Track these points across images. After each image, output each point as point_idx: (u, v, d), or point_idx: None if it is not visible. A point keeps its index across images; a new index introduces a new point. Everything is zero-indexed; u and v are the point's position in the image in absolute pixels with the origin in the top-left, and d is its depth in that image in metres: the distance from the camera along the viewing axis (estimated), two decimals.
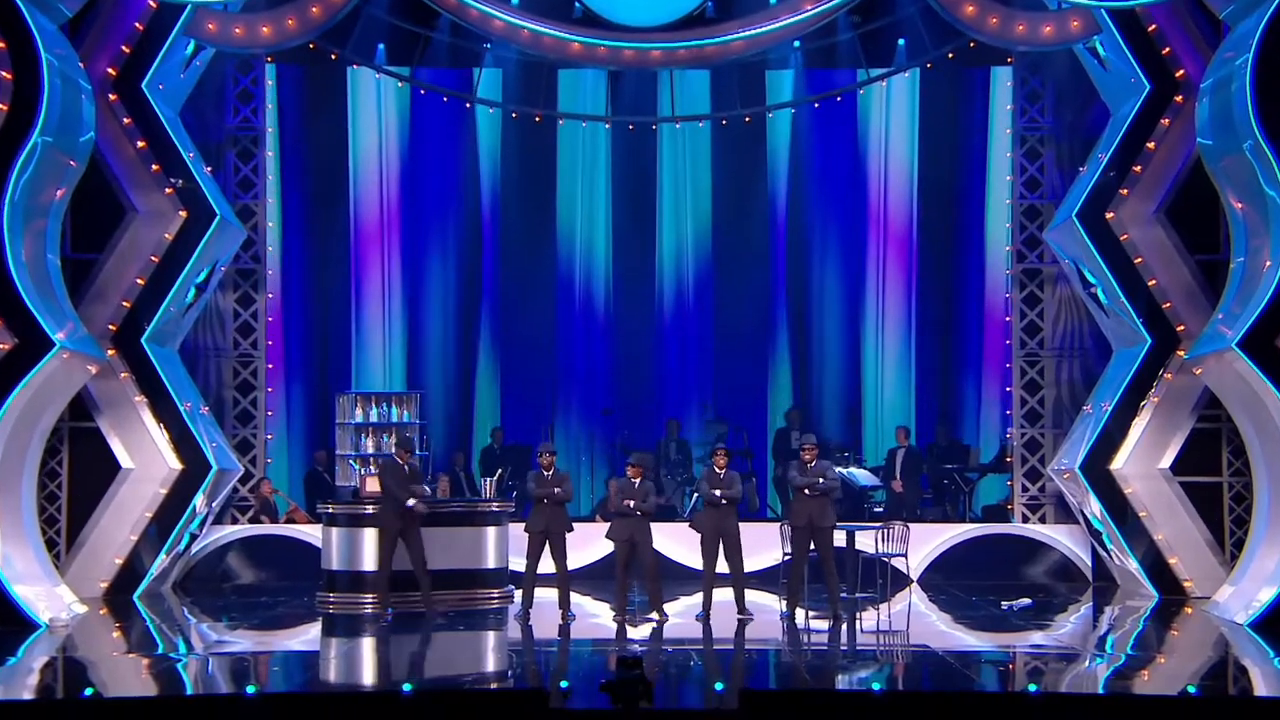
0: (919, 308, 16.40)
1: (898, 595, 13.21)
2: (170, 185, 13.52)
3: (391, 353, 16.40)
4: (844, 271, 16.66)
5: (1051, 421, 15.00)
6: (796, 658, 10.57)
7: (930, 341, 16.47)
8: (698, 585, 13.58)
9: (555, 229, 16.70)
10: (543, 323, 16.72)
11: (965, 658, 10.30)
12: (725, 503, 11.70)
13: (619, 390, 16.68)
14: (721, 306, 16.76)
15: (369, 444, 14.69)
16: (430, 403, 15.79)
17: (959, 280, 16.40)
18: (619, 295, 16.72)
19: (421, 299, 16.59)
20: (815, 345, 16.67)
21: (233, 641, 11.14)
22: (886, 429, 16.24)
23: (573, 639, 11.31)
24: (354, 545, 12.35)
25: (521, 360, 16.66)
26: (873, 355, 16.54)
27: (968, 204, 16.25)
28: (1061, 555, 14.44)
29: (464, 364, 16.59)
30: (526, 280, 16.67)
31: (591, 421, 16.63)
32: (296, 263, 16.01)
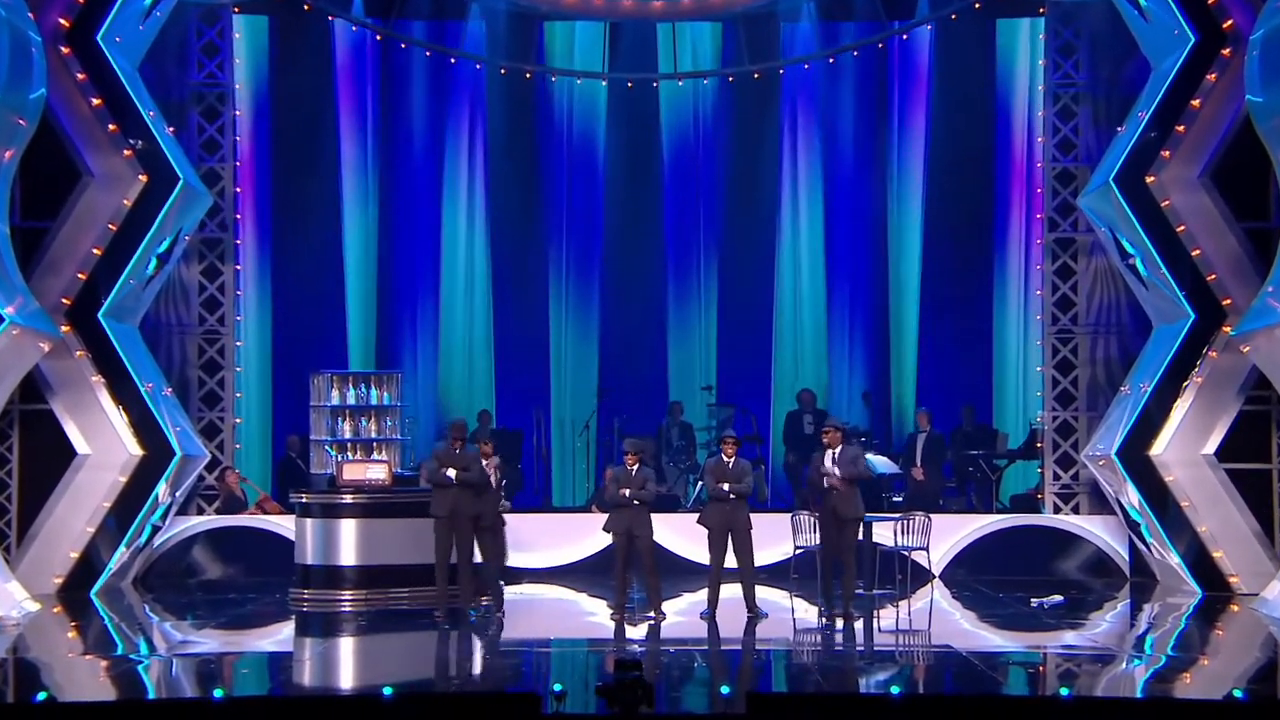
0: (942, 281, 16.35)
1: (918, 592, 13.22)
2: (129, 147, 13.45)
3: (371, 329, 16.36)
4: (860, 242, 16.63)
5: (1085, 404, 14.97)
6: (809, 658, 10.54)
7: (954, 317, 16.42)
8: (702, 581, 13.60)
9: (548, 196, 16.65)
10: (535, 297, 16.67)
11: (991, 659, 10.29)
12: (734, 496, 11.65)
13: (617, 370, 16.65)
14: (728, 280, 16.74)
15: (345, 428, 14.67)
16: (413, 384, 15.75)
17: (985, 251, 16.33)
18: (617, 267, 16.68)
19: (403, 271, 16.54)
20: (828, 322, 16.64)
21: (198, 642, 11.11)
22: (906, 412, 16.22)
23: (567, 639, 11.32)
24: (330, 538, 12.35)
25: (512, 337, 16.64)
26: (892, 332, 16.51)
27: (995, 168, 16.19)
28: (1096, 549, 14.43)
29: (450, 341, 16.56)
30: (518, 251, 16.62)
31: (587, 403, 16.60)
32: (267, 231, 15.95)
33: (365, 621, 11.78)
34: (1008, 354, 16.21)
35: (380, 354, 16.39)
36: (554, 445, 16.40)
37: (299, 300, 16.27)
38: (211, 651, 10.67)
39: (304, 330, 16.29)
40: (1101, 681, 9.62)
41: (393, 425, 14.75)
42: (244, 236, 15.43)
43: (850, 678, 9.77)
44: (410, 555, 12.32)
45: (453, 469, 11.58)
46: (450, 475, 11.55)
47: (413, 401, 15.49)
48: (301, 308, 16.27)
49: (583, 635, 11.59)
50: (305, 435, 15.17)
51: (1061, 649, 10.86)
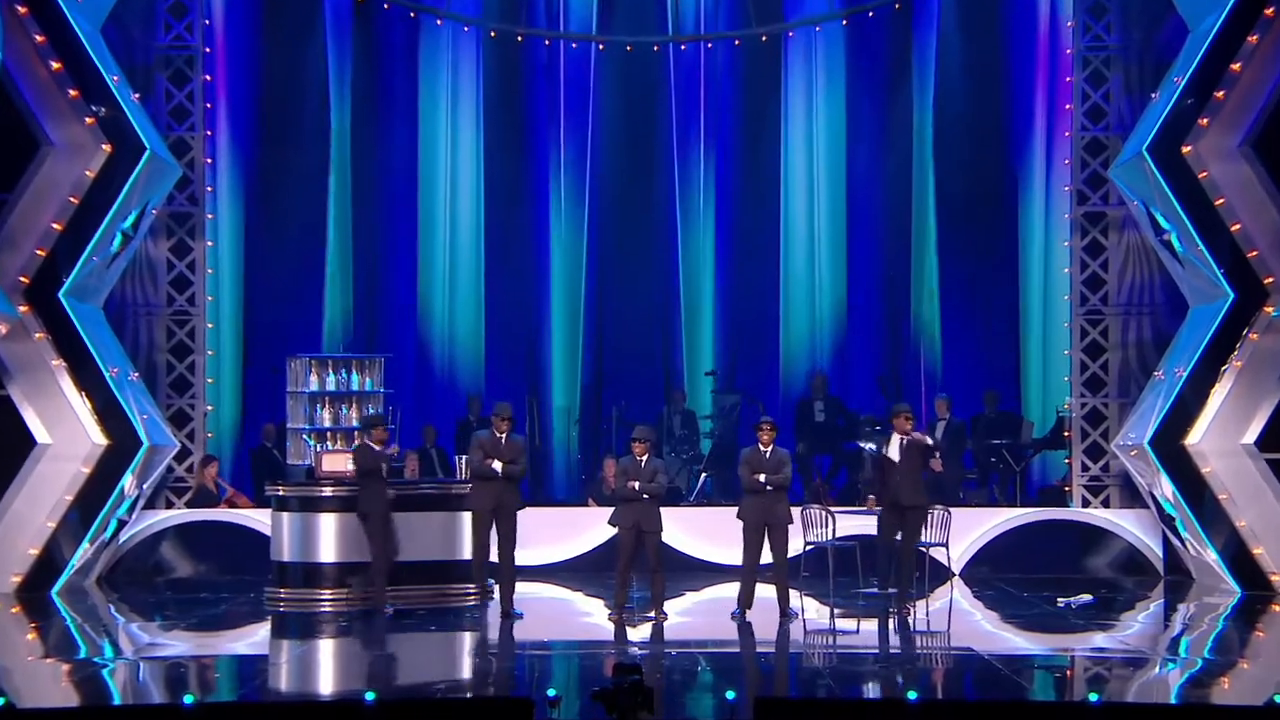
0: (962, 258, 16.35)
1: (937, 590, 13.22)
2: (91, 114, 13.40)
3: (352, 310, 16.35)
4: (875, 217, 16.62)
5: (1117, 390, 14.95)
6: (820, 662, 10.55)
7: (976, 297, 16.43)
8: (706, 579, 13.62)
9: (542, 170, 16.63)
10: (526, 277, 16.67)
11: (1015, 662, 10.29)
12: (772, 488, 11.63)
13: (615, 354, 16.65)
14: (734, 260, 16.73)
15: (325, 416, 14.63)
16: (397, 368, 15.74)
17: (1010, 227, 16.30)
18: (614, 246, 16.68)
19: (387, 248, 16.53)
20: (842, 303, 16.63)
21: (167, 644, 11.12)
22: (925, 398, 16.18)
23: (562, 640, 11.32)
24: (309, 533, 12.35)
25: (502, 320, 16.63)
26: (909, 313, 16.49)
27: (1020, 137, 16.15)
28: (1128, 545, 14.43)
29: (436, 324, 16.56)
30: (508, 228, 16.60)
31: (583, 393, 16.58)
32: (240, 205, 15.91)
33: (346, 622, 11.77)
34: (1033, 336, 16.19)
35: (362, 336, 16.36)
36: (551, 434, 16.39)
37: (275, 279, 16.25)
38: (181, 655, 10.67)
39: (280, 311, 16.28)
40: (1133, 687, 9.62)
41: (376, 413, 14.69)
42: (215, 211, 15.40)
43: (865, 682, 9.77)
44: (397, 551, 12.26)
45: (498, 461, 11.47)
46: (496, 468, 11.47)
47: (397, 387, 15.47)
48: (277, 287, 16.25)
49: (579, 637, 11.59)
50: (281, 423, 15.15)
51: (1091, 652, 10.86)
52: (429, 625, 11.72)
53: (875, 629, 11.86)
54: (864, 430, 15.41)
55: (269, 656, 10.88)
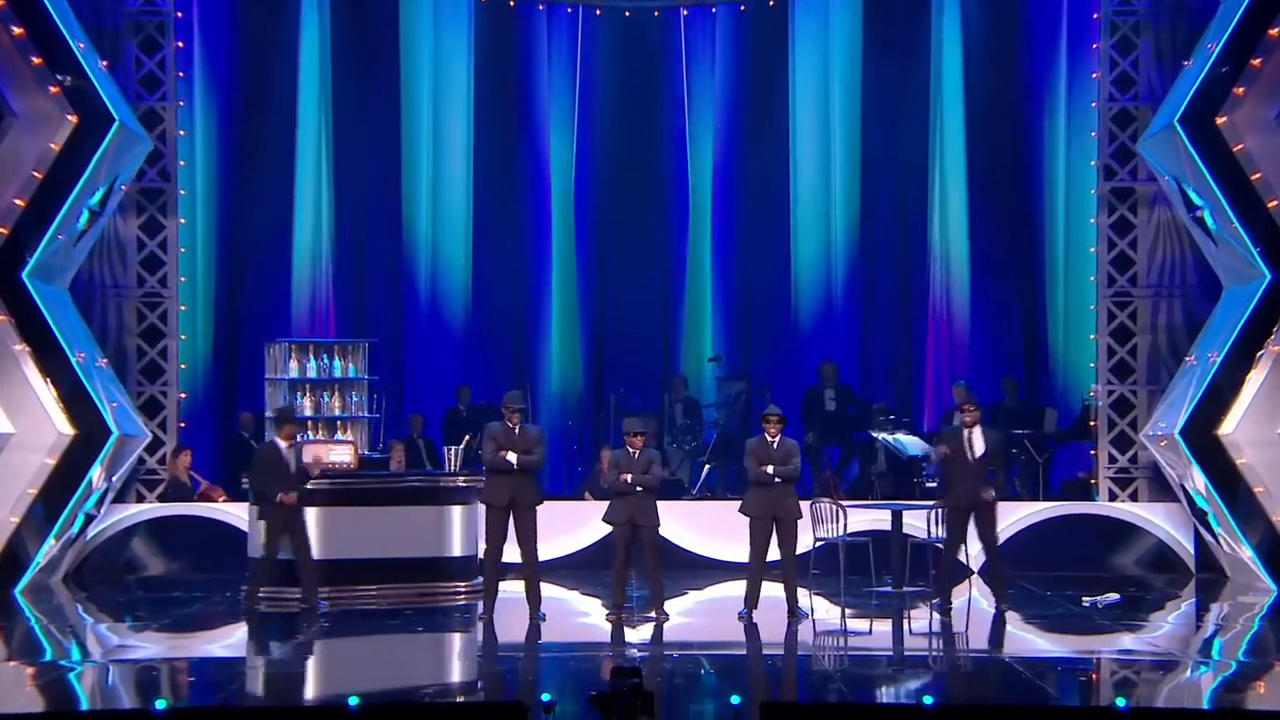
0: (982, 237, 16.36)
1: (955, 589, 13.18)
2: (56, 83, 13.38)
3: (334, 292, 16.35)
4: (890, 195, 16.61)
5: (1146, 376, 14.95)
6: (830, 664, 10.57)
7: (996, 279, 16.45)
8: (709, 577, 13.63)
9: (534, 143, 16.63)
10: (518, 257, 16.68)
11: (1038, 665, 10.30)
12: (780, 481, 11.62)
13: (613, 338, 16.66)
14: (740, 239, 16.74)
15: (306, 404, 14.64)
16: (382, 354, 15.74)
17: (1032, 203, 16.35)
18: (613, 223, 16.69)
19: (371, 226, 16.54)
20: (854, 285, 16.66)
21: (138, 646, 11.12)
22: (942, 386, 16.22)
23: (557, 642, 11.33)
24: None
25: (493, 302, 16.65)
26: (926, 296, 16.51)
27: (1043, 109, 16.17)
28: (1157, 541, 14.45)
29: (423, 307, 16.56)
30: (499, 205, 16.62)
31: (577, 377, 16.58)
32: (215, 180, 15.92)
33: (328, 623, 11.77)
34: (1056, 320, 16.23)
35: (345, 320, 16.37)
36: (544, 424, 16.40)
37: (252, 259, 16.28)
38: (153, 657, 10.67)
39: (258, 293, 16.31)
40: (1163, 691, 9.63)
41: (359, 401, 14.72)
42: (189, 186, 15.38)
43: (878, 686, 9.78)
44: (379, 548, 12.35)
45: (513, 453, 11.52)
46: (511, 460, 11.50)
47: (382, 374, 15.47)
48: (255, 267, 16.29)
49: (575, 638, 11.59)
50: (260, 412, 15.15)
51: (1118, 654, 10.87)
52: (416, 626, 11.73)
53: (889, 630, 11.86)
54: (877, 420, 15.41)
55: (246, 659, 10.89)
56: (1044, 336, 16.33)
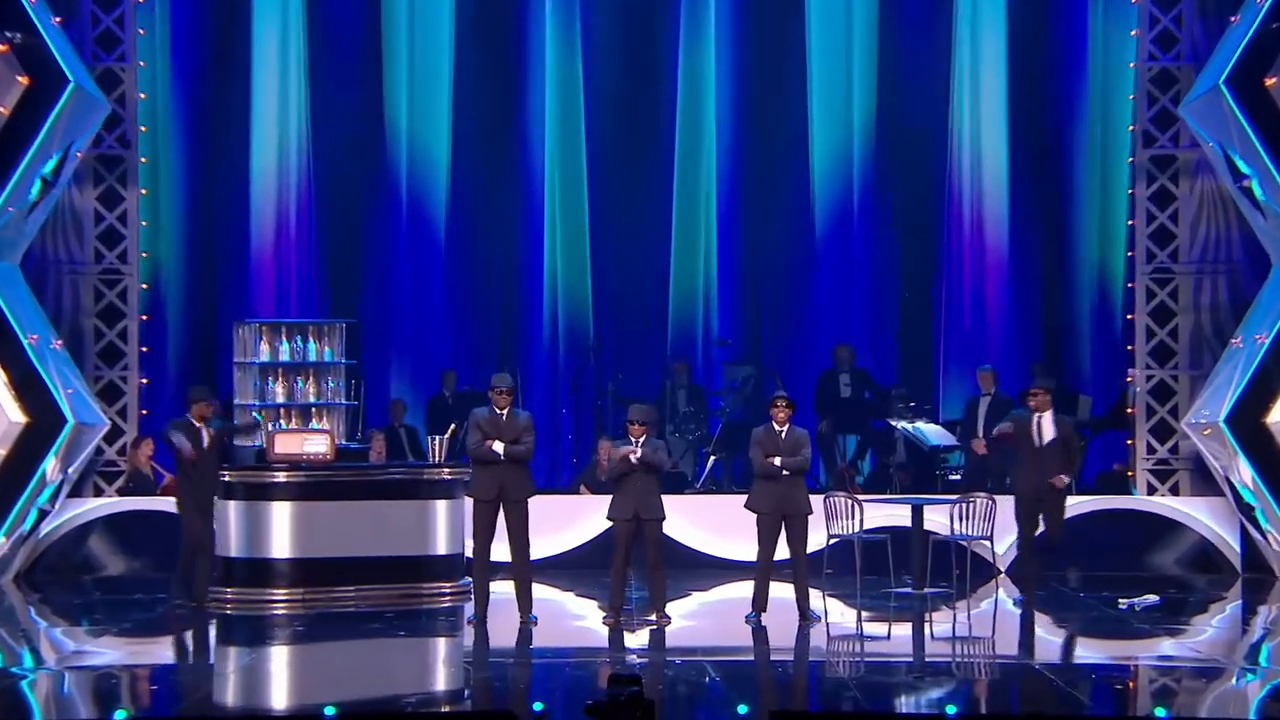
0: (1010, 210, 16.34)
1: (980, 590, 13.22)
2: (4, 40, 13.33)
3: (308, 267, 16.33)
4: (909, 166, 16.59)
5: (1188, 360, 14.93)
6: (845, 671, 10.56)
7: (1025, 255, 16.42)
8: (713, 577, 13.65)
9: (523, 112, 16.61)
10: (509, 232, 16.67)
11: (1070, 673, 10.33)
12: (788, 473, 11.60)
13: (609, 320, 16.63)
14: (748, 214, 16.71)
15: (278, 390, 14.62)
16: (361, 336, 15.72)
17: (1063, 173, 16.31)
18: (612, 195, 16.67)
19: (349, 198, 16.51)
20: (870, 262, 16.64)
21: (96, 652, 11.11)
22: (966, 371, 16.21)
23: (550, 647, 11.33)
24: (258, 525, 12.38)
25: (481, 282, 16.63)
26: (948, 274, 16.50)
27: (1077, 69, 16.13)
28: (1200, 537, 14.43)
29: (405, 286, 16.56)
30: (487, 178, 16.60)
31: (572, 364, 16.57)
32: (179, 147, 15.88)
33: (302, 626, 11.78)
34: (1090, 299, 16.19)
35: (323, 299, 16.35)
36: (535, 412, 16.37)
37: (220, 232, 16.23)
38: (113, 664, 10.67)
39: (225, 269, 16.27)
40: (1206, 700, 9.62)
41: (336, 387, 14.70)
42: (151, 154, 15.33)
43: (897, 694, 9.78)
44: (358, 546, 12.34)
45: (499, 443, 11.52)
46: (498, 450, 11.51)
47: (361, 358, 15.46)
48: (223, 242, 16.24)
49: (569, 643, 11.59)
50: (228, 399, 15.12)
51: (1157, 661, 10.88)
52: (398, 629, 11.73)
53: (909, 634, 11.86)
54: (895, 407, 15.39)
55: (214, 666, 10.91)
56: (1076, 317, 16.31)
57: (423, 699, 9.84)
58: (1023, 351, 16.33)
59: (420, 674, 10.87)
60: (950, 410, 16.11)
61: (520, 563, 11.64)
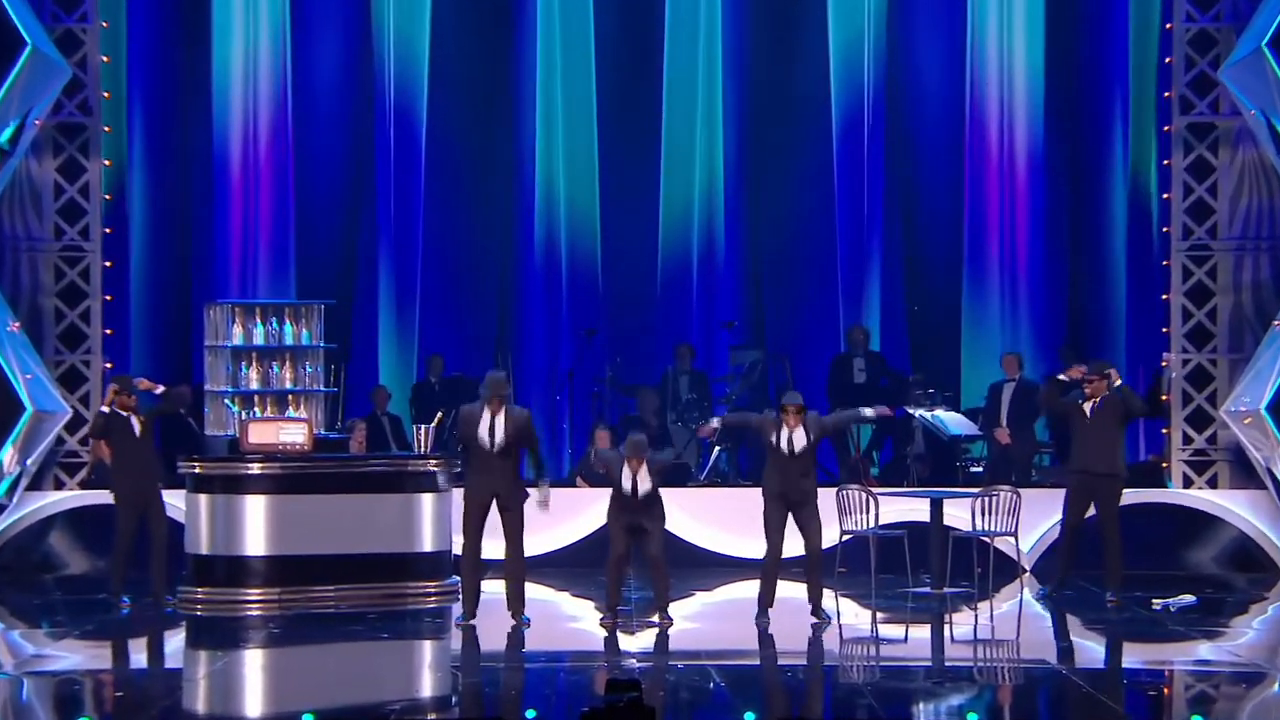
0: (1035, 181, 16.36)
1: (1004, 589, 13.23)
2: None
3: (286, 244, 16.32)
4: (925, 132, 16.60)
5: (1227, 344, 14.91)
6: (859, 676, 10.56)
7: (1052, 229, 16.44)
8: (717, 575, 13.68)
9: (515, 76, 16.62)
10: (499, 207, 16.67)
11: (1100, 678, 10.33)
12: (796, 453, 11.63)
13: (607, 303, 16.65)
14: (755, 189, 16.71)
15: (252, 376, 14.61)
16: (341, 319, 15.71)
17: (1092, 141, 16.33)
18: (610, 171, 16.67)
19: (327, 170, 16.52)
20: (885, 236, 16.65)
21: (57, 656, 11.12)
22: (988, 355, 16.20)
23: (543, 651, 11.34)
24: (232, 520, 12.39)
25: (470, 262, 16.64)
26: (969, 250, 16.49)
27: (1106, 29, 16.14)
28: (1239, 533, 14.43)
29: (387, 265, 16.56)
30: (476, 148, 16.60)
31: (568, 347, 16.56)
32: (146, 114, 15.88)
33: (277, 629, 11.78)
34: (1122, 278, 16.20)
35: (298, 277, 16.35)
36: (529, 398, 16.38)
37: (189, 206, 16.21)
38: (75, 669, 10.68)
39: (196, 246, 16.26)
40: (1246, 708, 9.64)
41: (314, 373, 14.70)
42: (114, 122, 15.29)
43: (915, 702, 9.78)
44: (337, 543, 12.36)
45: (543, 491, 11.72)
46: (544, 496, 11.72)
47: (341, 341, 15.45)
48: (192, 216, 16.22)
49: (564, 646, 11.60)
50: (198, 385, 15.12)
51: (1194, 666, 10.91)
52: (380, 632, 11.74)
53: (927, 636, 11.86)
54: (913, 394, 15.39)
55: (183, 670, 10.94)
56: (1107, 298, 16.31)
57: (407, 706, 9.82)
58: (1049, 335, 16.33)
59: (405, 679, 10.88)
60: (973, 397, 16.11)
61: (514, 563, 11.66)
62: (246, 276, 16.24)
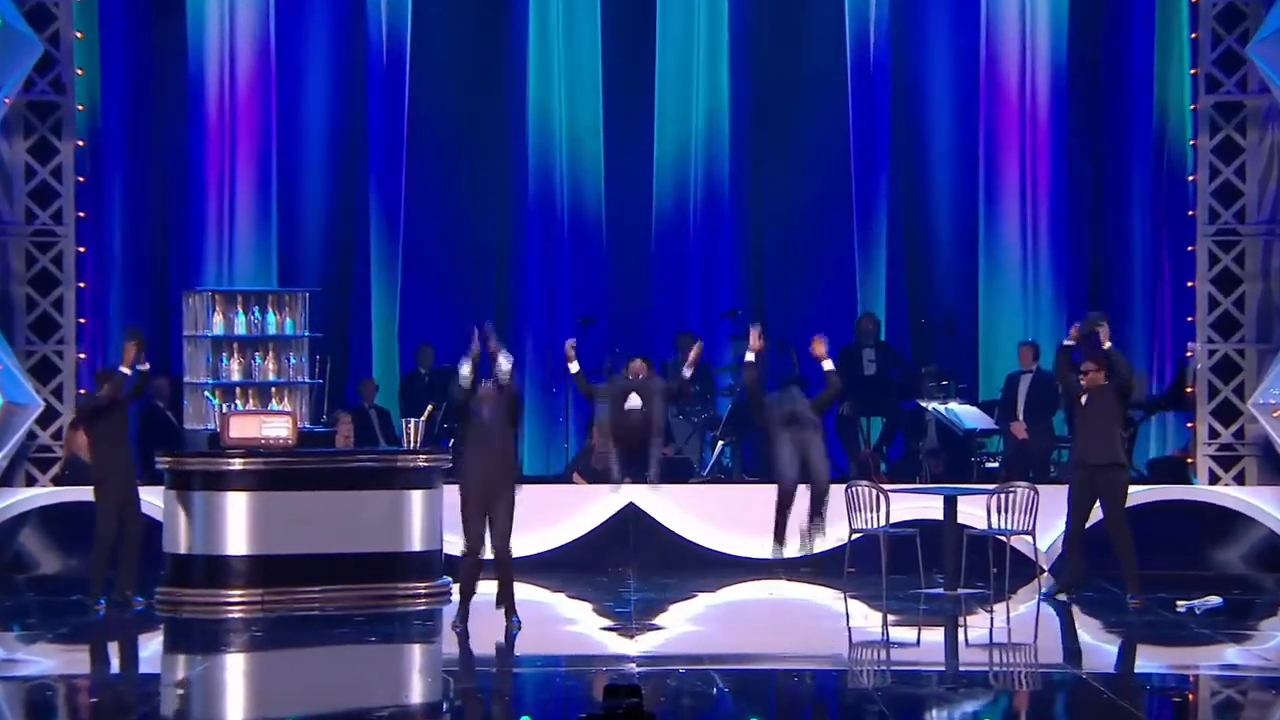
0: (1056, 164, 16.34)
1: (1021, 590, 13.24)
2: None
3: (268, 229, 16.30)
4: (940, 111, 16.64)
5: (1255, 333, 14.92)
6: (869, 680, 10.59)
7: (1072, 213, 16.42)
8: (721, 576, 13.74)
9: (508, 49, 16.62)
10: (492, 190, 16.68)
11: (1122, 684, 10.34)
12: None
13: (606, 290, 16.68)
14: (762, 169, 16.73)
15: (233, 367, 14.62)
16: (326, 307, 15.70)
17: (1116, 121, 16.31)
18: (609, 146, 16.65)
19: (313, 148, 16.52)
20: (898, 222, 16.66)
21: (30, 660, 11.14)
22: (1005, 345, 16.21)
23: (539, 655, 11.35)
24: (213, 518, 12.39)
25: (460, 246, 16.66)
26: (985, 235, 16.50)
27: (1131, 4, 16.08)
28: (1268, 531, 14.43)
29: (375, 252, 16.56)
30: (468, 127, 16.62)
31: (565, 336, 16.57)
32: (123, 94, 15.85)
33: (260, 632, 11.78)
34: (1145, 264, 16.19)
35: (282, 263, 16.33)
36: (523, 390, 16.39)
37: (166, 188, 16.20)
38: (48, 673, 10.69)
39: (174, 230, 16.25)
40: (1275, 715, 9.65)
41: (298, 364, 14.71)
42: (88, 101, 15.28)
43: (929, 708, 9.79)
44: (323, 542, 12.35)
45: None
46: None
47: (327, 331, 15.45)
48: (170, 199, 16.21)
49: (560, 650, 11.61)
50: (177, 377, 15.14)
51: (1220, 670, 10.90)
52: (368, 635, 11.74)
53: (940, 640, 11.87)
54: (926, 385, 15.38)
55: (161, 676, 10.90)
56: (1129, 285, 16.31)
57: (396, 713, 9.81)
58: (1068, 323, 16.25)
59: (394, 685, 10.86)
60: (988, 389, 16.11)
61: (502, 557, 11.69)
62: (227, 262, 16.21)
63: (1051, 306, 16.42)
